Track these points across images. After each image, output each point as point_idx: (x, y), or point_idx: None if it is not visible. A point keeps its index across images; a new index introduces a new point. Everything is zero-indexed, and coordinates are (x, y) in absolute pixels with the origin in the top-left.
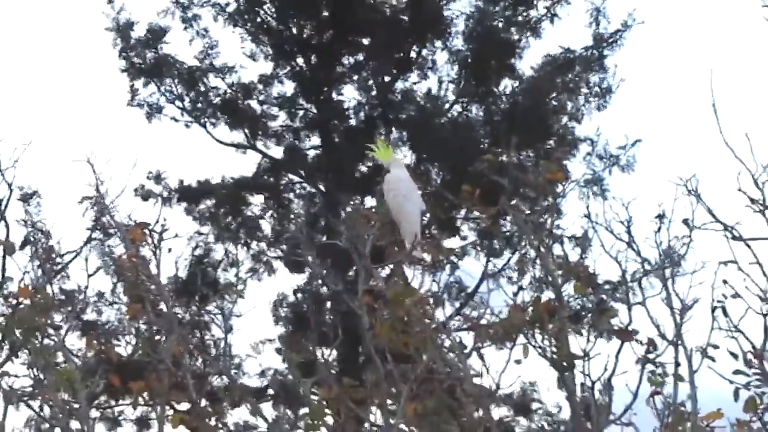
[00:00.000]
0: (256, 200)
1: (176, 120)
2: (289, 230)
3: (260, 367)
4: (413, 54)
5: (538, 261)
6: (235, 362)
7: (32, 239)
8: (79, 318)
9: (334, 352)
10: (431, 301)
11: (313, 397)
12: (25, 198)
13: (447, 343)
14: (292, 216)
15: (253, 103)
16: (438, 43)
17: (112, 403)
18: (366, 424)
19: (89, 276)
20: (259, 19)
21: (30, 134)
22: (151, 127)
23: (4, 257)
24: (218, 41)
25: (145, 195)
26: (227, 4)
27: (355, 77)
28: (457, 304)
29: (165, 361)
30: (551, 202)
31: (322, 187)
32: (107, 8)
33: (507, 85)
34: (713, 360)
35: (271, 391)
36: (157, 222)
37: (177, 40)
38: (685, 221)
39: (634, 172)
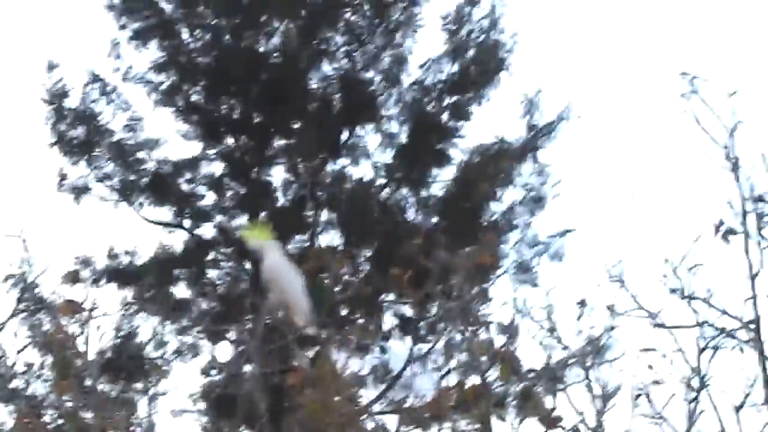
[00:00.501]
0: (183, 278)
1: (105, 199)
2: (212, 306)
3: None
4: (345, 136)
5: (464, 346)
6: None
7: None
8: (6, 388)
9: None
10: (355, 383)
11: None
12: None
13: (370, 426)
14: (215, 292)
15: (182, 182)
16: (370, 127)
17: None
18: None
19: (19, 351)
20: (187, 99)
21: None
22: (80, 206)
23: None
24: (143, 117)
25: (74, 279)
26: (160, 83)
27: (285, 159)
28: (383, 387)
29: None
30: (479, 288)
31: (249, 266)
32: (45, 78)
33: (438, 172)
34: None
35: None
36: (85, 301)
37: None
38: (609, 307)
39: (562, 261)
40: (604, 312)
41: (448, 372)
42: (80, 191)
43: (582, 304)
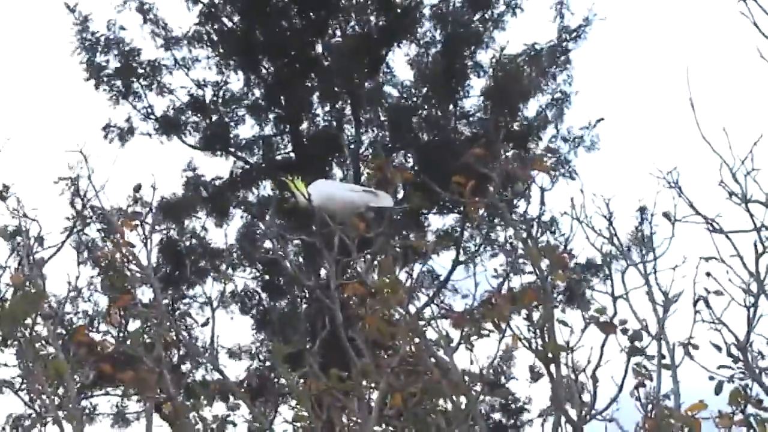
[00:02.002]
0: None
1: (150, 135)
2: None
3: (239, 361)
4: (384, 53)
5: (522, 250)
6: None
7: (19, 230)
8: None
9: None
10: (413, 292)
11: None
12: (1, 194)
13: (432, 334)
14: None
15: (222, 107)
16: (404, 45)
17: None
18: (352, 417)
19: (79, 264)
20: (222, 24)
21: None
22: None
23: None
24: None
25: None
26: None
27: (323, 81)
28: (430, 293)
29: (155, 353)
30: (539, 193)
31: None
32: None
33: (473, 83)
34: (695, 348)
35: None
36: (146, 215)
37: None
38: (666, 214)
39: (599, 150)
40: (661, 218)
41: (508, 277)
42: (125, 133)
43: (642, 211)
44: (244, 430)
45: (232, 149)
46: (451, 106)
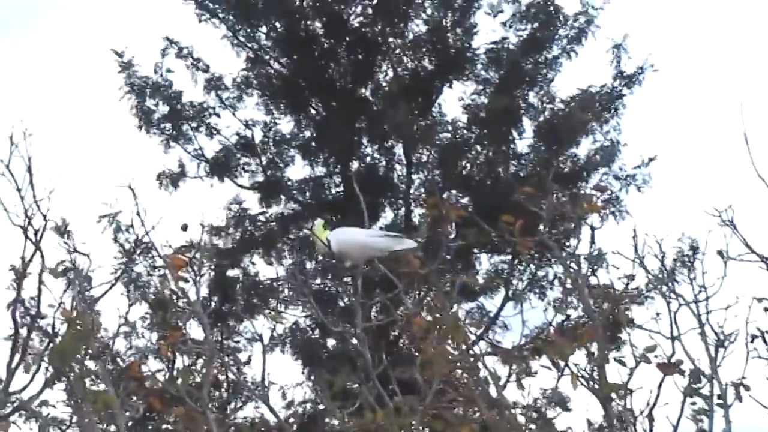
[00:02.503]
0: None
1: (201, 179)
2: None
3: (285, 399)
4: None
5: (578, 289)
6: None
7: (71, 267)
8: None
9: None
10: (468, 329)
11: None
12: (60, 229)
13: (483, 371)
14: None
15: (272, 148)
16: (456, 85)
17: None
18: None
19: (130, 305)
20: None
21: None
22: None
23: (39, 287)
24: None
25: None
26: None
27: (372, 122)
28: (481, 330)
29: (202, 393)
30: (590, 233)
31: None
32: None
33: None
34: (747, 389)
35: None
36: (195, 252)
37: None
38: (720, 252)
39: (651, 188)
40: (715, 257)
41: (568, 317)
42: (178, 177)
43: (694, 251)
44: None
45: (284, 191)
46: (504, 147)
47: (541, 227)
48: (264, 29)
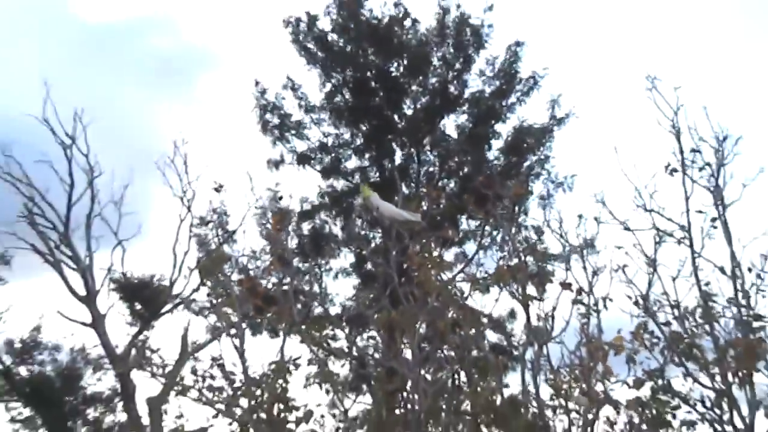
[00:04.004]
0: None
1: (293, 165)
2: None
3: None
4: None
5: (512, 241)
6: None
7: (212, 219)
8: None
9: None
10: (447, 264)
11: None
12: (217, 189)
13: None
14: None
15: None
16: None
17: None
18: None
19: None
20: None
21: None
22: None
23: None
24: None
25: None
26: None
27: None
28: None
29: (288, 297)
30: (517, 208)
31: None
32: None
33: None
34: (611, 300)
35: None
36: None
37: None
38: (596, 218)
39: (572, 190)
40: (593, 222)
41: (503, 257)
42: (278, 163)
43: (580, 217)
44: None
45: (342, 174)
46: (479, 155)
47: (499, 204)
48: (340, 74)
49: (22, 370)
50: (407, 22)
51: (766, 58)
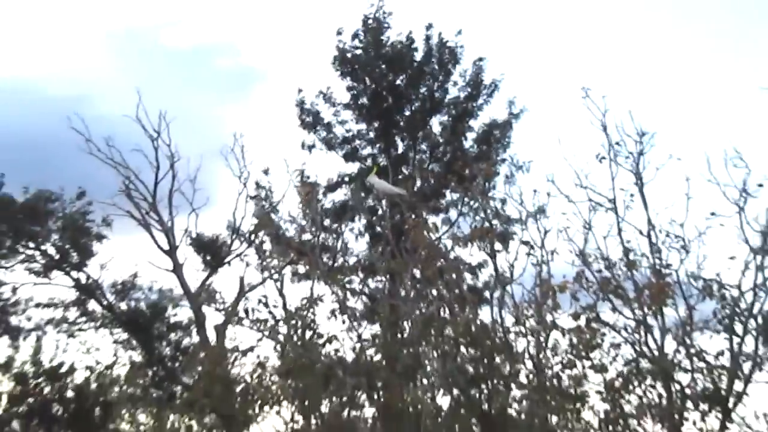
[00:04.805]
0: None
1: (321, 149)
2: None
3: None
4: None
5: (482, 210)
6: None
7: (259, 194)
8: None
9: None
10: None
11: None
12: (266, 172)
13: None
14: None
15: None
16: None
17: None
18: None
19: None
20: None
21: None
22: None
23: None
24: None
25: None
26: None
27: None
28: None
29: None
30: (487, 184)
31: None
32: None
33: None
34: (558, 253)
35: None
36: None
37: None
38: (548, 193)
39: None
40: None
41: (475, 223)
42: (310, 148)
43: (534, 191)
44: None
45: (358, 159)
46: (457, 143)
47: (474, 181)
48: (362, 84)
49: (122, 305)
50: (411, 46)
51: (679, 69)
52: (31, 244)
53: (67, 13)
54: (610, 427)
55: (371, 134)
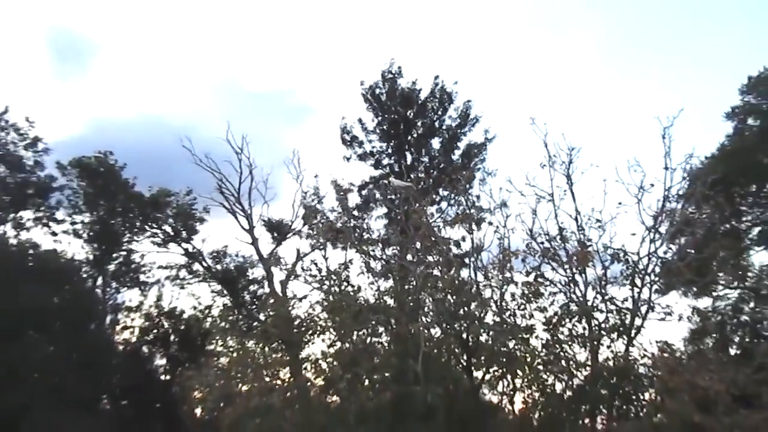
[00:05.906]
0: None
1: (357, 160)
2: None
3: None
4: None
5: (464, 202)
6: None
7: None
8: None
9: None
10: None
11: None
12: (315, 176)
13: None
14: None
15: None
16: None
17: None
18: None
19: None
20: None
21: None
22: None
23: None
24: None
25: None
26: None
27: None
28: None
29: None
30: (468, 185)
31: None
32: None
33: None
34: (523, 222)
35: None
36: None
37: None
38: (521, 192)
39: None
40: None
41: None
42: (348, 158)
43: (500, 189)
44: None
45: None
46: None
47: (459, 182)
48: (383, 115)
49: (218, 267)
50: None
51: (597, 100)
52: (155, 225)
53: (178, 64)
54: (549, 350)
55: (390, 150)
